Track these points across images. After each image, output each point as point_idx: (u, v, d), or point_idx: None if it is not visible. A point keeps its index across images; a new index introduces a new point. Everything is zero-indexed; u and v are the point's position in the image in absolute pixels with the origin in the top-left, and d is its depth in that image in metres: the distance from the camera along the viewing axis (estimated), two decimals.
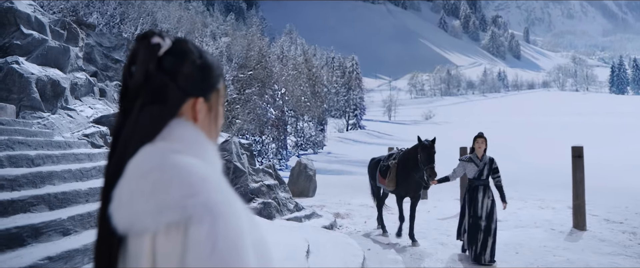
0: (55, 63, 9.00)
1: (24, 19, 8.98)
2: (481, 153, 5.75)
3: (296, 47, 77.66)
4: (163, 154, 0.81)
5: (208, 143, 0.90)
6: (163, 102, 0.86)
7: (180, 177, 0.76)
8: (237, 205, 0.79)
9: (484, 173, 5.70)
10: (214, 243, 0.72)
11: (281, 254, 4.33)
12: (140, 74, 0.85)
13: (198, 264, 0.71)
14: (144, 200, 0.75)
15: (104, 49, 26.23)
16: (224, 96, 0.99)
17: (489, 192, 5.70)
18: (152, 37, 0.87)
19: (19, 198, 2.96)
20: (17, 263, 2.29)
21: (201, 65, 0.92)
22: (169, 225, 0.73)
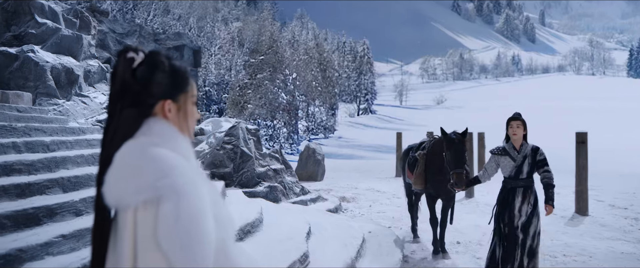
0: (69, 51, 9.26)
1: (38, 8, 9.22)
2: (519, 142, 4.02)
3: (307, 32, 77.25)
4: (142, 147, 1.05)
5: (180, 136, 1.14)
6: (137, 105, 1.09)
7: (154, 165, 1.01)
8: (200, 187, 1.03)
9: (523, 170, 3.96)
10: (178, 216, 0.97)
11: (282, 235, 4.55)
12: (118, 83, 1.09)
13: (165, 231, 0.96)
14: (126, 183, 1.00)
15: (117, 36, 26.52)
16: (193, 97, 1.20)
17: (530, 196, 4.01)
18: (128, 52, 1.10)
19: (35, 181, 3.20)
20: (35, 240, 2.53)
21: (169, 73, 1.13)
22: (145, 202, 0.98)
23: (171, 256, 0.96)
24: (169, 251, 0.96)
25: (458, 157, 4.58)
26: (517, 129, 4.02)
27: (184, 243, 0.96)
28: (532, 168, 4.03)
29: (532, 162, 4.02)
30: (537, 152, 4.04)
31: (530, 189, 4.05)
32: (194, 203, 0.98)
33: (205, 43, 50.46)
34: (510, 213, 4.01)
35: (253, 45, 52.06)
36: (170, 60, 1.15)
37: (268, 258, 3.67)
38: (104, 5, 40.23)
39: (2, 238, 2.53)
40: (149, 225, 0.97)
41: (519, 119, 4.07)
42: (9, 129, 4.14)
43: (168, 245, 0.96)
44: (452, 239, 6.22)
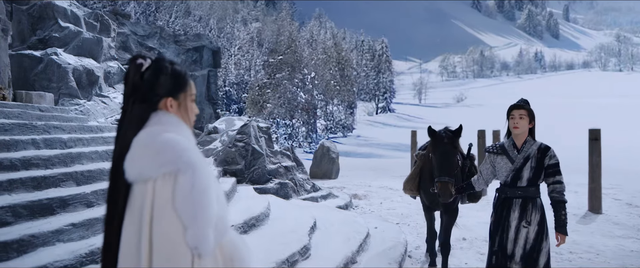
0: (90, 53, 9.65)
1: (61, 13, 9.63)
2: (522, 139, 3.06)
3: (325, 31, 77.38)
4: (159, 132, 1.32)
5: (184, 125, 1.42)
6: (145, 102, 1.37)
7: (172, 145, 1.28)
8: (206, 165, 1.33)
9: (523, 175, 3.00)
10: (193, 185, 1.24)
11: (286, 228, 4.70)
12: (130, 84, 1.37)
13: (182, 197, 1.23)
14: (149, 159, 1.26)
15: (138, 38, 27.19)
16: (192, 95, 1.48)
17: (532, 211, 3.00)
18: (137, 59, 1.40)
19: (50, 175, 3.44)
20: (47, 227, 2.75)
21: (171, 75, 1.41)
22: (165, 174, 1.25)
23: (185, 218, 1.22)
24: (184, 214, 1.22)
25: (444, 162, 3.58)
26: (520, 120, 3.01)
27: (197, 208, 1.22)
28: (536, 175, 2.98)
29: (538, 166, 2.95)
30: (546, 154, 2.97)
31: (533, 202, 2.99)
32: (205, 177, 1.27)
33: (225, 43, 51.19)
34: (502, 236, 3.01)
35: (272, 45, 52.54)
36: (172, 65, 1.42)
37: (269, 250, 3.83)
38: (127, 9, 41.25)
39: (18, 226, 2.76)
40: (166, 193, 1.22)
41: (523, 108, 3.04)
42: (29, 126, 4.43)
43: (183, 208, 1.22)
44: (458, 236, 6.27)
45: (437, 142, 3.78)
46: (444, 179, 3.54)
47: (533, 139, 3.10)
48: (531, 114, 3.10)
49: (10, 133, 4.08)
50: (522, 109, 3.06)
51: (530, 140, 3.08)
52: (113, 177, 1.31)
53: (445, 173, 3.57)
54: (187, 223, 1.21)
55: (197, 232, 1.22)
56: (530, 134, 3.11)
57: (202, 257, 1.24)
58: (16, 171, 3.40)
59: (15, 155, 3.57)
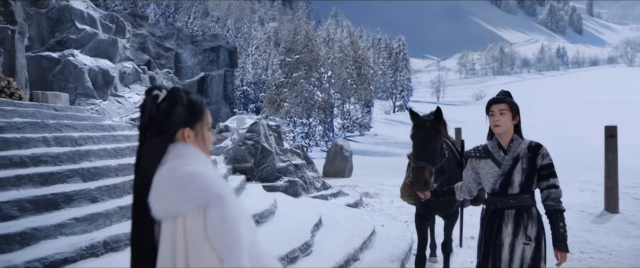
0: (106, 54, 9.89)
1: (78, 15, 9.90)
2: (507, 138, 2.61)
3: (342, 30, 77.25)
4: (181, 166, 1.32)
5: (203, 155, 1.42)
6: (163, 133, 1.35)
7: (198, 179, 1.28)
8: (234, 195, 1.32)
9: (514, 180, 2.54)
10: (223, 217, 1.23)
11: (290, 225, 4.75)
12: (146, 116, 1.36)
13: (214, 230, 1.22)
14: (176, 194, 1.25)
15: (156, 39, 27.67)
16: (208, 124, 1.47)
17: (528, 223, 2.52)
18: (154, 91, 1.39)
19: (57, 171, 3.56)
20: (50, 221, 2.86)
21: (187, 105, 1.40)
22: (194, 209, 1.23)
23: (220, 250, 1.21)
24: (218, 247, 1.21)
25: (423, 147, 3.14)
26: (501, 116, 2.54)
27: (230, 239, 1.21)
28: (530, 178, 2.51)
29: (530, 167, 2.50)
30: (537, 153, 2.52)
31: (528, 213, 2.50)
32: (234, 208, 1.26)
33: (242, 43, 51.67)
34: (495, 257, 2.52)
35: (288, 44, 52.78)
36: (188, 95, 1.41)
37: (270, 246, 3.87)
38: (147, 10, 42.01)
39: (24, 219, 2.87)
40: (197, 228, 1.21)
41: (503, 101, 2.57)
42: (41, 125, 4.58)
43: (217, 242, 1.21)
44: (465, 234, 6.19)
45: (418, 126, 3.28)
46: (420, 164, 3.01)
47: (520, 137, 2.61)
48: (514, 108, 2.59)
49: (23, 131, 4.23)
50: (502, 103, 2.57)
51: (517, 138, 2.59)
52: (136, 212, 1.31)
53: (421, 157, 3.05)
54: (223, 256, 1.21)
55: (233, 263, 1.22)
56: (517, 131, 2.61)
57: None
58: (25, 167, 3.53)
59: (25, 152, 3.70)
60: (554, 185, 2.49)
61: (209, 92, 30.28)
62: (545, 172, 2.50)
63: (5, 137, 3.83)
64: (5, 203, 2.88)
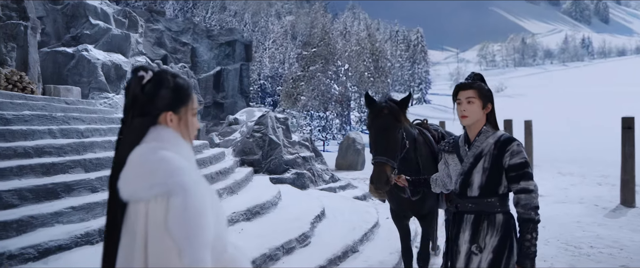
0: (119, 49, 10.08)
1: (92, 11, 10.10)
2: (475, 130, 2.24)
3: (359, 23, 76.77)
4: (154, 150, 1.28)
5: (183, 142, 1.38)
6: (145, 115, 1.32)
7: (164, 165, 1.24)
8: (201, 185, 1.27)
9: (473, 181, 2.19)
10: (185, 208, 1.19)
11: (291, 216, 4.78)
12: (130, 96, 1.34)
13: (174, 220, 1.19)
14: (141, 180, 1.23)
15: (172, 34, 28.00)
16: (193, 109, 1.43)
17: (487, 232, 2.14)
18: (139, 71, 1.35)
19: (60, 162, 3.67)
20: (48, 210, 2.95)
21: (173, 89, 1.36)
22: (157, 196, 1.20)
23: (178, 241, 1.17)
24: (177, 237, 1.17)
25: (380, 139, 2.69)
26: (468, 105, 2.17)
27: (190, 232, 1.17)
28: (493, 180, 2.12)
29: (494, 167, 2.11)
30: (505, 150, 2.10)
31: (488, 219, 2.13)
32: (198, 199, 1.21)
33: (259, 37, 51.89)
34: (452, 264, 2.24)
35: (305, 37, 52.75)
36: (175, 78, 1.38)
37: (267, 237, 3.91)
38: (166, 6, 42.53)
39: (23, 208, 2.97)
40: (159, 215, 1.18)
41: (470, 87, 2.20)
42: (49, 118, 4.71)
43: (176, 233, 1.17)
44: None
45: (374, 113, 2.78)
46: (380, 159, 2.60)
47: (492, 129, 2.19)
48: (485, 95, 2.18)
49: (30, 123, 4.36)
50: (469, 89, 2.18)
51: (487, 130, 2.18)
52: (111, 190, 1.29)
53: (381, 152, 2.64)
54: (181, 247, 1.17)
55: (192, 255, 1.18)
56: (490, 122, 2.20)
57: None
58: (29, 158, 3.65)
59: (29, 143, 3.82)
60: (525, 189, 2.04)
61: (225, 86, 30.53)
62: (514, 173, 2.07)
63: (12, 129, 3.95)
64: (5, 192, 2.98)
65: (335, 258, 3.95)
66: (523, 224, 2.04)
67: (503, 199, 2.14)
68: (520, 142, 2.13)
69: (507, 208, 2.16)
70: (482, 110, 2.19)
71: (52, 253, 2.67)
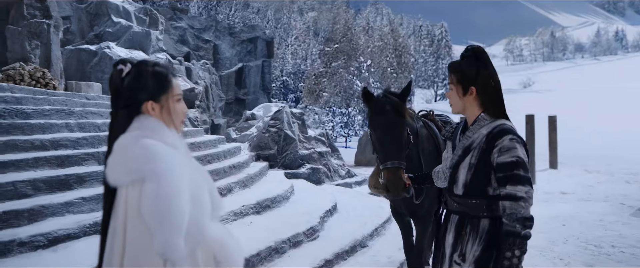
0: (140, 46, 10.31)
1: (114, 9, 10.36)
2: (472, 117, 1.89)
3: (382, 18, 76.10)
4: (135, 138, 1.34)
5: (166, 129, 1.43)
6: (128, 107, 1.39)
7: (141, 153, 1.30)
8: (178, 172, 1.31)
9: (458, 177, 1.90)
10: (157, 193, 1.25)
11: (301, 210, 4.79)
12: (112, 90, 1.41)
13: (146, 206, 1.26)
14: (121, 166, 1.30)
15: (195, 31, 28.42)
16: (175, 96, 1.46)
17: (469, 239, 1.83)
18: (118, 65, 1.41)
19: (74, 154, 3.79)
20: (60, 200, 3.06)
21: (151, 78, 1.41)
22: (133, 181, 1.28)
23: (150, 225, 1.24)
24: (149, 221, 1.24)
25: (388, 140, 2.42)
26: (451, 91, 1.91)
27: (161, 216, 1.23)
28: (479, 177, 1.82)
29: (481, 163, 1.81)
30: (495, 143, 1.76)
31: (472, 224, 1.83)
32: (170, 185, 1.25)
33: (282, 34, 52.15)
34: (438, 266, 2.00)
35: (328, 34, 52.71)
36: (153, 67, 1.42)
37: (274, 230, 3.93)
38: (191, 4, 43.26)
39: (36, 198, 3.09)
40: (136, 200, 1.24)
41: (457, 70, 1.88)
42: (67, 112, 4.87)
43: (148, 217, 1.23)
44: None
45: (376, 111, 2.49)
46: (392, 165, 2.32)
47: (490, 117, 1.83)
48: (468, 78, 1.83)
49: (49, 117, 4.51)
50: (449, 72, 1.90)
51: (483, 119, 1.83)
52: (104, 178, 1.37)
53: (392, 156, 2.34)
54: (153, 231, 1.23)
55: (162, 239, 1.23)
56: (489, 110, 1.83)
57: (173, 263, 1.26)
58: (45, 150, 3.78)
59: (46, 136, 3.95)
60: (511, 195, 1.67)
61: (247, 83, 30.82)
62: (502, 174, 1.72)
63: (31, 122, 4.10)
64: (20, 183, 3.10)
65: (342, 253, 3.94)
66: (505, 238, 1.67)
67: (493, 202, 1.77)
68: (518, 137, 1.76)
69: (496, 214, 1.77)
70: (464, 97, 1.84)
71: (61, 242, 2.76)
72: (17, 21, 6.48)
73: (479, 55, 1.86)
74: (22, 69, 5.96)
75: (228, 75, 28.58)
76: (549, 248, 4.97)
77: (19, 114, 4.27)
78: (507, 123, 1.82)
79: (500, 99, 1.88)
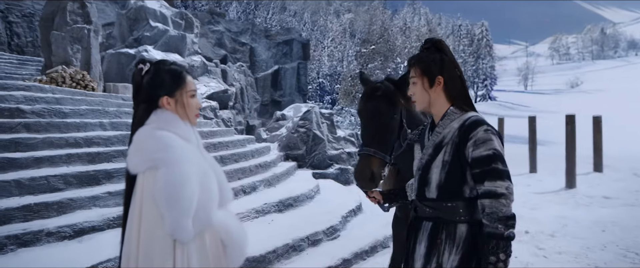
0: (176, 49, 10.67)
1: (152, 14, 10.78)
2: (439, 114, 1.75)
3: (419, 18, 74.90)
4: (150, 130, 1.50)
5: (180, 122, 1.57)
6: (147, 101, 1.55)
7: (154, 143, 1.45)
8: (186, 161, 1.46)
9: (430, 179, 1.69)
10: (167, 179, 1.40)
11: (324, 210, 4.80)
12: (134, 87, 1.58)
13: (158, 189, 1.40)
14: (138, 155, 1.46)
15: (232, 34, 29.08)
16: (189, 92, 1.61)
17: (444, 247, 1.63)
18: (139, 64, 1.59)
19: (105, 151, 3.98)
20: (88, 193, 3.23)
21: (167, 76, 1.56)
22: (148, 169, 1.42)
23: (161, 208, 1.38)
24: (160, 204, 1.38)
25: (368, 125, 2.23)
26: (413, 85, 1.77)
27: (170, 199, 1.38)
28: (453, 178, 1.64)
29: (455, 160, 1.64)
30: (468, 137, 1.60)
31: (448, 230, 1.65)
32: (180, 172, 1.41)
33: (318, 36, 52.42)
34: None
35: (364, 35, 52.47)
36: (169, 66, 1.58)
37: (295, 228, 3.96)
38: (230, 8, 44.31)
39: (66, 192, 3.26)
40: (150, 186, 1.38)
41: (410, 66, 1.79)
42: (102, 112, 5.12)
43: (159, 200, 1.38)
44: (520, 228, 5.78)
45: (365, 95, 2.31)
46: (366, 150, 2.12)
47: (459, 110, 1.69)
48: (433, 67, 1.70)
49: (84, 117, 4.77)
50: (410, 67, 1.78)
51: (453, 113, 1.68)
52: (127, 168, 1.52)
53: (368, 141, 2.16)
54: (164, 213, 1.36)
55: (171, 221, 1.36)
56: (458, 102, 1.70)
57: (181, 243, 1.39)
58: (79, 148, 3.99)
59: (80, 134, 4.18)
60: (490, 192, 1.52)
61: (283, 85, 31.17)
62: (479, 170, 1.55)
63: (67, 121, 4.35)
64: (53, 177, 3.30)
65: (361, 253, 3.91)
66: (486, 240, 1.50)
67: (470, 205, 1.61)
68: (492, 128, 1.60)
69: (475, 217, 1.61)
70: (430, 89, 1.70)
71: (86, 233, 2.91)
72: (61, 27, 6.90)
73: (439, 45, 1.76)
74: (64, 71, 6.34)
75: (264, 77, 29.04)
76: (584, 254, 4.72)
77: (58, 113, 4.54)
78: (479, 115, 1.68)
79: (467, 91, 1.76)
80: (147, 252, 1.36)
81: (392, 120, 2.20)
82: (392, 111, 2.20)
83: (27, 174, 3.22)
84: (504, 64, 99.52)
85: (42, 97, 4.81)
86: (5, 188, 3.03)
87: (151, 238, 1.37)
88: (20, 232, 2.69)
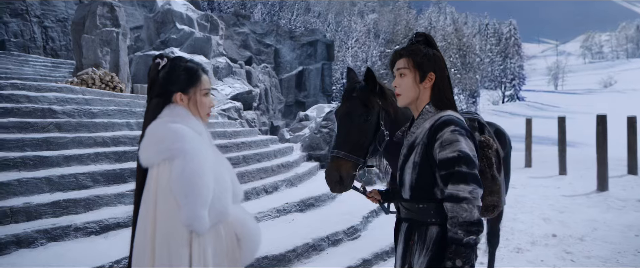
0: (201, 50, 10.88)
1: (178, 17, 11.03)
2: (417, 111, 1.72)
3: (445, 17, 73.90)
4: (164, 123, 1.52)
5: (192, 117, 1.60)
6: (160, 96, 1.57)
7: (170, 134, 1.47)
8: (202, 152, 1.48)
9: (404, 178, 1.66)
10: (183, 169, 1.41)
11: (344, 210, 4.77)
12: (149, 81, 1.62)
13: (175, 179, 1.41)
14: (152, 147, 1.47)
15: (257, 36, 29.41)
16: (203, 90, 1.63)
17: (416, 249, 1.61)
18: (157, 59, 1.62)
19: (131, 150, 4.10)
20: (114, 191, 3.34)
21: (182, 72, 1.59)
22: (163, 160, 1.43)
23: (178, 198, 1.37)
24: (177, 194, 1.38)
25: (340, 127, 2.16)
26: (400, 79, 1.70)
27: (187, 190, 1.37)
28: (423, 178, 1.60)
29: (424, 160, 1.60)
30: (436, 136, 1.56)
31: (420, 232, 1.61)
32: (197, 162, 1.42)
33: (342, 37, 52.38)
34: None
35: (388, 35, 52.11)
36: (186, 63, 1.61)
37: (315, 228, 3.97)
38: (255, 10, 44.88)
39: (94, 189, 3.38)
40: (165, 177, 1.39)
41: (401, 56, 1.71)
42: (129, 112, 5.27)
43: (176, 190, 1.37)
44: (548, 231, 5.62)
45: (343, 95, 2.26)
46: (336, 154, 2.06)
47: (435, 109, 1.65)
48: (424, 63, 1.65)
49: (112, 117, 4.92)
50: (400, 58, 1.70)
51: (427, 112, 1.65)
52: (138, 160, 1.54)
53: (339, 145, 2.09)
54: (180, 202, 1.36)
55: (188, 211, 1.36)
56: (435, 100, 1.65)
57: (198, 234, 1.40)
58: (106, 147, 4.12)
59: (108, 134, 4.31)
60: (454, 196, 1.46)
61: (307, 86, 31.30)
62: (444, 172, 1.51)
63: (96, 121, 4.50)
64: (81, 175, 3.42)
65: (382, 253, 3.88)
66: (448, 245, 1.47)
67: (442, 206, 1.54)
68: (461, 128, 1.54)
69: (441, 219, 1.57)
70: (420, 83, 1.64)
71: (112, 229, 3.01)
72: (91, 30, 7.15)
73: (430, 40, 1.72)
74: (94, 73, 6.56)
75: (288, 78, 29.24)
76: (614, 259, 4.54)
77: (87, 114, 4.70)
78: (453, 114, 1.61)
79: (452, 91, 1.71)
80: (163, 241, 1.36)
81: (365, 122, 2.10)
82: (366, 113, 2.10)
83: (57, 172, 3.36)
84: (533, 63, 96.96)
85: (73, 98, 4.99)
86: (36, 185, 3.16)
87: (167, 227, 1.37)
88: (50, 227, 2.80)
